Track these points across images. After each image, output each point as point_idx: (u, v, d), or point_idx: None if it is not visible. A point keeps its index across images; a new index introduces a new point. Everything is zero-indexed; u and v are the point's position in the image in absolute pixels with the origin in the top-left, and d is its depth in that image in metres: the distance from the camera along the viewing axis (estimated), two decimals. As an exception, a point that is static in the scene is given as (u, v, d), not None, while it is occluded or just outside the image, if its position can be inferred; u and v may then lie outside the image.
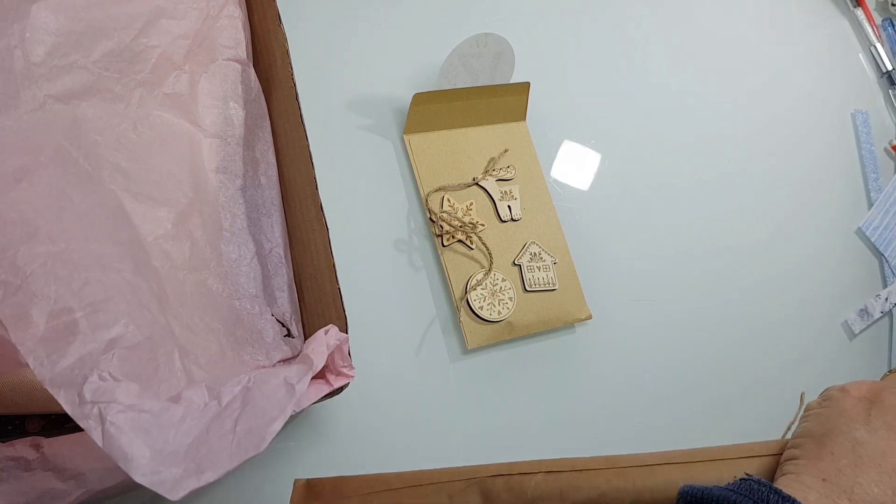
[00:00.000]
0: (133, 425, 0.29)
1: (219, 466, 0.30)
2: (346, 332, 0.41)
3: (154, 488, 0.28)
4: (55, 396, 0.28)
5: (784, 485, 0.31)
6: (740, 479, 0.31)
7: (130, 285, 0.36)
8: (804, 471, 0.31)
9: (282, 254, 0.52)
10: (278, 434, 0.47)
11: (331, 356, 0.39)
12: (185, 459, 0.29)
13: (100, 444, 0.28)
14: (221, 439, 0.31)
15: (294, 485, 0.38)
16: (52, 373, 0.28)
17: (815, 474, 0.31)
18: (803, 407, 0.38)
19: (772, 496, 0.29)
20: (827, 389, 0.36)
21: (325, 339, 0.38)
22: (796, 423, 0.37)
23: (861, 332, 0.70)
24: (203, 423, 0.31)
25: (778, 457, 0.35)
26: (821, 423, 0.34)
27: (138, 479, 0.28)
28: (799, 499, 0.29)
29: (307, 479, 0.39)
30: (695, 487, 0.31)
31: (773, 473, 0.34)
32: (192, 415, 0.31)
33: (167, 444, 0.30)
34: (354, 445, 0.50)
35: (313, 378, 0.38)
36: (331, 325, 0.40)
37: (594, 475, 0.35)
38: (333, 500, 0.37)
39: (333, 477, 0.39)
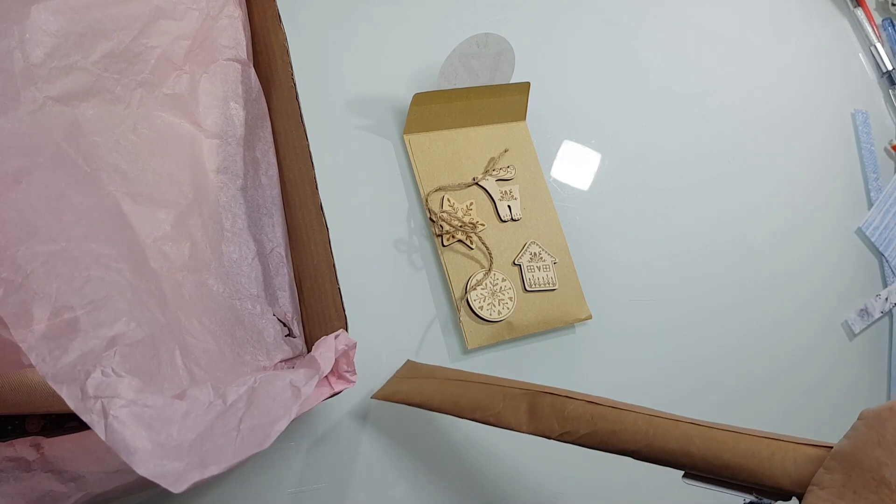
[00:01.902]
0: (136, 419, 0.29)
1: (222, 461, 0.30)
2: (346, 331, 0.41)
3: (157, 481, 0.28)
4: (58, 392, 0.28)
5: None
6: (749, 503, 0.30)
7: (130, 285, 0.36)
8: None
9: (283, 253, 0.52)
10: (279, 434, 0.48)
11: (336, 360, 0.39)
12: (188, 454, 0.29)
13: (103, 437, 0.28)
14: (226, 436, 0.31)
15: (405, 362, 0.52)
16: (55, 369, 0.28)
17: None
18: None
19: None
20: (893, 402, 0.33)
21: (334, 344, 0.38)
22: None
23: (861, 332, 0.70)
24: (207, 419, 0.31)
25: (804, 450, 0.32)
26: (855, 448, 0.30)
27: (141, 471, 0.28)
28: None
29: (412, 361, 0.52)
30: None
31: (796, 466, 0.32)
32: (196, 412, 0.31)
33: (170, 438, 0.29)
34: (355, 446, 0.50)
35: None
36: (340, 331, 0.40)
37: (624, 414, 0.37)
38: (426, 376, 0.48)
39: (430, 364, 0.52)
